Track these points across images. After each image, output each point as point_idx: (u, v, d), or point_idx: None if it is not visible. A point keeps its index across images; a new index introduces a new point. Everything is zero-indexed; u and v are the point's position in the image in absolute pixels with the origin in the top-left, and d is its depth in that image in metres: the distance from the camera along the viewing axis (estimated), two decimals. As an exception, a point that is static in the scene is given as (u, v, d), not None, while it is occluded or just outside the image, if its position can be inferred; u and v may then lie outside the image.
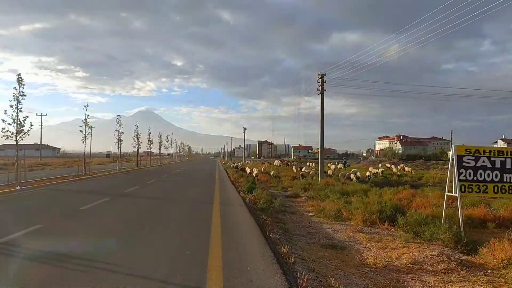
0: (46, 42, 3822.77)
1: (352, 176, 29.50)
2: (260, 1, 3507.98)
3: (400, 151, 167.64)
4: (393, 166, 44.87)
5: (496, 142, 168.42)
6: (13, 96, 18.31)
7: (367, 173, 31.44)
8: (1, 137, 18.36)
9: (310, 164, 58.46)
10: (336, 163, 46.33)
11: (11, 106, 18.17)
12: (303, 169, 37.37)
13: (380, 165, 51.42)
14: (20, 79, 18.71)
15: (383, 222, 10.70)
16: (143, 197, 15.24)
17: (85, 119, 27.44)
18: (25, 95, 18.68)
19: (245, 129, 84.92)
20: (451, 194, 9.44)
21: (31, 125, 18.83)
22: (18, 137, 18.48)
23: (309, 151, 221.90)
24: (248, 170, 35.70)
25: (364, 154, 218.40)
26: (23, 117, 18.39)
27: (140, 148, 47.58)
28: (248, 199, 15.03)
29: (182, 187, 20.99)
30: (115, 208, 12.26)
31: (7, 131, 18.12)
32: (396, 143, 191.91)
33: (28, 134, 18.81)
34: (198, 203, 13.90)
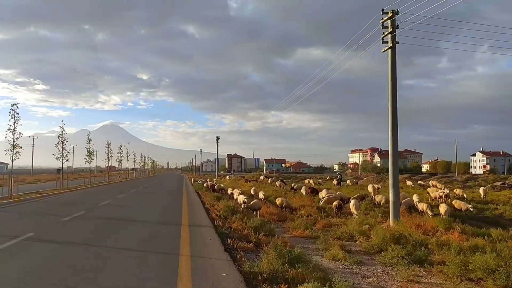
0: (4, 54, 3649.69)
1: (424, 207, 16.14)
2: (225, 16, 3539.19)
3: (378, 165, 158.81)
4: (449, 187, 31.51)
5: (474, 155, 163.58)
6: None
7: (460, 204, 17.52)
8: None
9: (309, 181, 44.48)
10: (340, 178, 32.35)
11: None
12: (322, 194, 23.05)
13: (426, 183, 38.12)
14: None
15: None
16: None
17: None
18: None
19: (218, 138, 70.00)
20: None
21: None
22: None
23: (282, 164, 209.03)
24: (239, 196, 20.88)
25: (336, 167, 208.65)
26: None
27: (66, 160, 31.64)
28: None
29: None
30: None
31: None
32: (373, 156, 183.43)
33: None
34: None
